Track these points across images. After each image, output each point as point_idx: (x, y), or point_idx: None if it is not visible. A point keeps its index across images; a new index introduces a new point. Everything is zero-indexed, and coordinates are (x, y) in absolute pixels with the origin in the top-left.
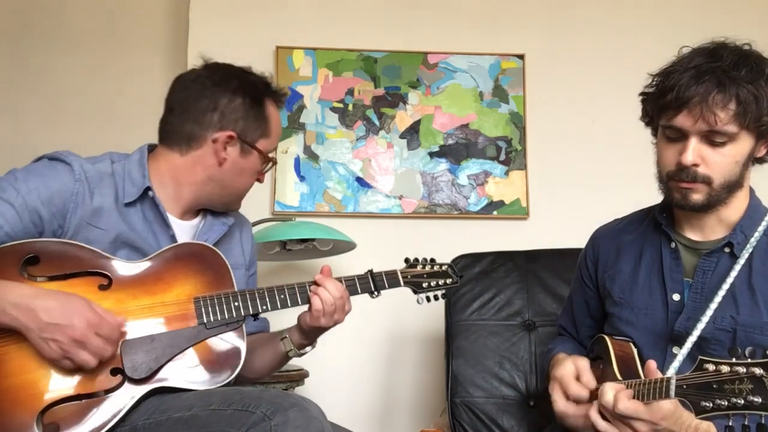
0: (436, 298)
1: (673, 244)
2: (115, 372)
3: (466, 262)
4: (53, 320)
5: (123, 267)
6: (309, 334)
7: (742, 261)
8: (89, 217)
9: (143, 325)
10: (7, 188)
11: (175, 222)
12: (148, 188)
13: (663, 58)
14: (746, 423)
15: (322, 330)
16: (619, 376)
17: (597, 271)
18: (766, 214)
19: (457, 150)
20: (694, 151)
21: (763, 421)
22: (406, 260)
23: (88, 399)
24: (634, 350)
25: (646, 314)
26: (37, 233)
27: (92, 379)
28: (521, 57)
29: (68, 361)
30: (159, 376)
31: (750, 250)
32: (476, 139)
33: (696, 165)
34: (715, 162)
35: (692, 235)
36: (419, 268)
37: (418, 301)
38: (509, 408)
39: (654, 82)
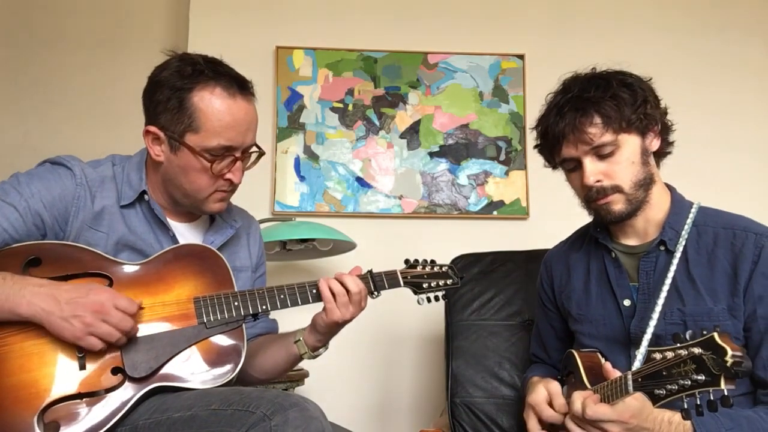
0: (436, 299)
1: (613, 254)
2: (115, 371)
3: (466, 262)
4: (71, 298)
5: (124, 268)
6: (324, 333)
7: (678, 255)
8: (91, 221)
9: (144, 324)
10: (10, 192)
11: (172, 223)
12: (144, 192)
13: (662, 57)
14: (698, 403)
15: (337, 326)
16: (587, 384)
17: (554, 293)
18: (691, 207)
19: (457, 150)
20: (590, 171)
21: (711, 398)
22: (406, 261)
23: (89, 398)
24: (601, 359)
25: (604, 324)
26: (40, 236)
27: (93, 378)
28: (521, 57)
29: (93, 338)
30: (159, 375)
31: (683, 243)
32: (476, 139)
33: (599, 181)
34: (613, 171)
35: (627, 241)
36: (419, 268)
37: (418, 302)
38: (509, 408)
39: (537, 133)
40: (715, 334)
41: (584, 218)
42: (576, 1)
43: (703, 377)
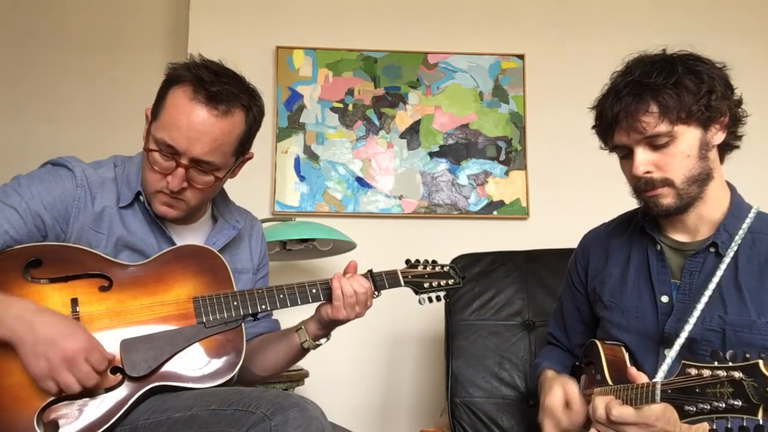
0: (438, 299)
1: (658, 247)
2: (114, 371)
3: (466, 262)
4: (49, 335)
5: (123, 268)
6: (326, 325)
7: (727, 260)
8: (91, 223)
9: (143, 324)
10: (11, 194)
11: (172, 226)
12: (140, 192)
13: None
14: (729, 426)
15: (340, 323)
16: (609, 380)
17: (587, 276)
18: (749, 211)
19: (457, 150)
20: (641, 161)
21: (744, 424)
22: (407, 261)
23: (88, 397)
24: (625, 354)
25: (636, 317)
26: (41, 237)
27: None
28: (521, 57)
29: (52, 383)
30: (158, 374)
31: (735, 248)
32: (476, 139)
33: (649, 172)
34: (666, 163)
35: (677, 236)
36: (420, 268)
37: (419, 302)
38: (509, 408)
39: (595, 114)
40: (761, 362)
41: (584, 218)
42: (576, 1)
43: (740, 403)
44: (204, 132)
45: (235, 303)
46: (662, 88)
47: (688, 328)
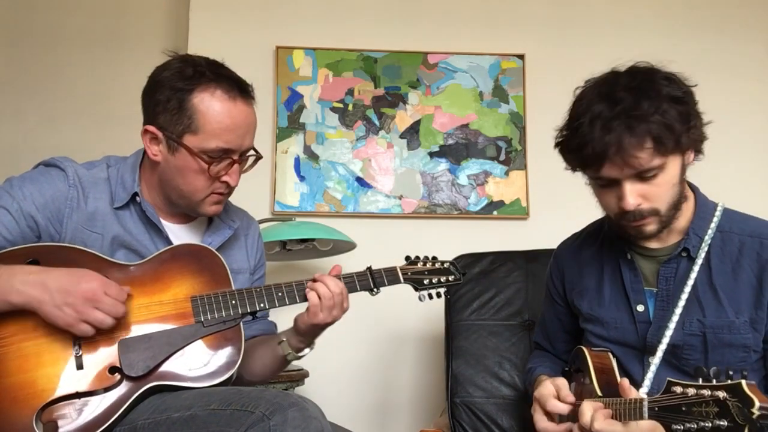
0: (438, 295)
1: (628, 256)
2: (112, 370)
3: (466, 262)
4: (63, 285)
5: (121, 268)
6: (306, 334)
7: (699, 261)
8: (85, 222)
9: (141, 324)
10: (3, 195)
11: (167, 225)
12: (136, 194)
13: (662, 57)
14: None
15: (319, 328)
16: (598, 390)
17: (565, 289)
18: (715, 209)
19: (457, 150)
20: (631, 194)
21: None
22: (407, 258)
23: (87, 397)
24: (613, 361)
25: (616, 328)
26: (35, 238)
27: (90, 377)
28: (521, 57)
29: (86, 325)
30: (156, 374)
31: (706, 249)
32: (476, 139)
33: (639, 204)
34: (654, 194)
35: (648, 243)
36: (420, 265)
37: (420, 298)
38: (509, 408)
39: (564, 134)
40: (743, 383)
41: (583, 218)
42: (576, 1)
43: (726, 423)
44: (250, 124)
45: (233, 302)
46: (655, 121)
47: (668, 334)
